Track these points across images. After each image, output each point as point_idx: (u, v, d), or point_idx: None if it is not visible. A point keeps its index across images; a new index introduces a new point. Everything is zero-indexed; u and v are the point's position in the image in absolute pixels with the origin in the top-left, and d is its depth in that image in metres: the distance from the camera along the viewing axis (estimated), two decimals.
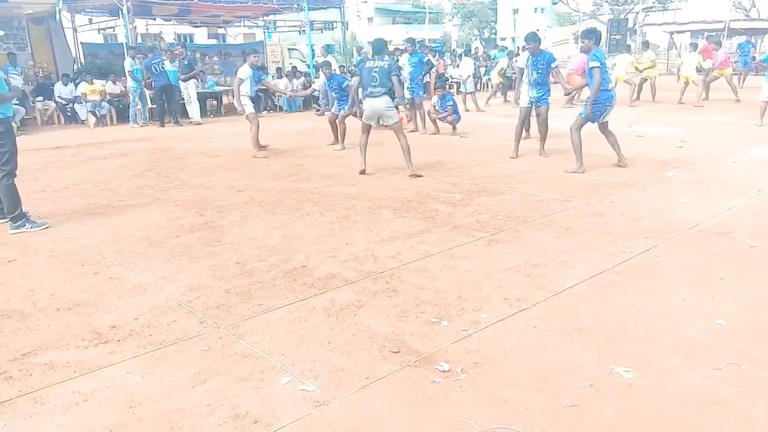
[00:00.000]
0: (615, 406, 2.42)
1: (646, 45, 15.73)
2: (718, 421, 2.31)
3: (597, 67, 6.48)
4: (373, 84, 6.78)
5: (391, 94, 6.82)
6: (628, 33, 30.87)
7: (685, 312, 3.26)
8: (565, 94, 8.12)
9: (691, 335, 2.99)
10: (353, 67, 16.21)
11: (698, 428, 2.28)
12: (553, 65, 7.86)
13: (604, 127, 7.04)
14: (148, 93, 13.48)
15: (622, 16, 34.99)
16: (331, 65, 10.11)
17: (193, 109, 13.70)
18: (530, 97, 8.03)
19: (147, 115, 13.52)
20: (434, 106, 10.85)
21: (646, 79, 14.38)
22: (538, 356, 2.83)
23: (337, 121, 9.44)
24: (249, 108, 8.72)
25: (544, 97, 7.93)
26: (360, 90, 7.26)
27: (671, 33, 24.25)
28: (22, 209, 5.28)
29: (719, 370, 2.67)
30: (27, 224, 5.22)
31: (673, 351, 2.84)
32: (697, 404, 2.42)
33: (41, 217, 5.58)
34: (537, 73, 7.82)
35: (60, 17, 15.65)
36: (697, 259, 4.07)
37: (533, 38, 7.94)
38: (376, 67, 6.79)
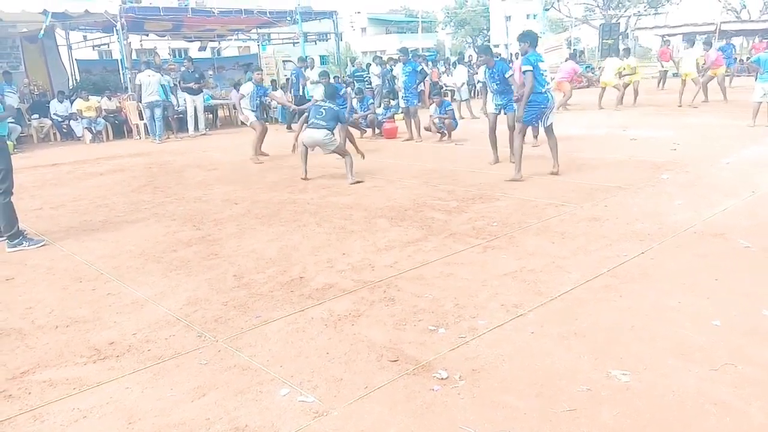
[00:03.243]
0: (612, 409, 2.43)
1: (627, 52, 15.93)
2: (715, 422, 2.32)
3: (529, 70, 6.47)
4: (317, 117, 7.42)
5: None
6: (620, 37, 31.06)
7: (680, 314, 3.27)
8: (515, 101, 8.11)
9: (687, 337, 3.01)
10: (348, 78, 16.28)
11: (695, 429, 2.29)
12: (507, 75, 7.73)
13: (549, 131, 7.04)
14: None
15: (613, 21, 35.20)
16: (328, 75, 10.35)
17: (199, 121, 13.84)
18: (496, 104, 8.10)
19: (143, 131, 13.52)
20: (431, 117, 10.91)
21: (629, 84, 14.49)
22: (536, 361, 2.84)
23: None
24: (252, 117, 9.55)
25: (509, 104, 7.89)
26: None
27: (663, 36, 24.45)
28: (19, 227, 5.29)
29: (715, 370, 2.68)
30: (24, 242, 5.23)
31: (670, 353, 2.86)
32: (694, 405, 2.43)
33: (38, 234, 5.59)
34: (495, 84, 7.88)
35: (54, 34, 15.77)
36: (692, 260, 4.09)
37: (485, 51, 8.10)
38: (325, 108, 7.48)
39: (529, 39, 6.73)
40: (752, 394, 2.49)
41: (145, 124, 13.45)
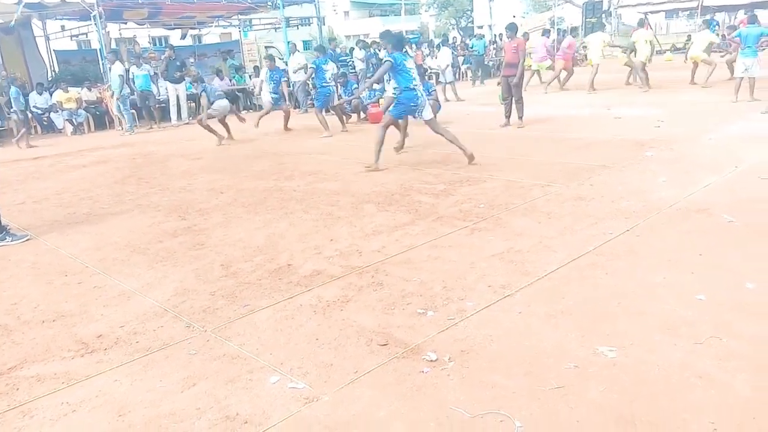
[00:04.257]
0: (599, 385, 2.46)
1: (641, 23, 14.68)
2: (701, 395, 2.36)
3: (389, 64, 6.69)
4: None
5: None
6: (604, 15, 31.00)
7: (665, 289, 3.31)
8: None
9: (672, 312, 3.05)
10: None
11: (681, 402, 2.32)
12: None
13: (432, 125, 7.04)
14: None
15: None
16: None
17: (182, 110, 13.65)
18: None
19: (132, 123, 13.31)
20: None
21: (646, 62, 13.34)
22: (524, 341, 2.86)
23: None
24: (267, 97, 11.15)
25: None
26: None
27: (645, 13, 24.45)
28: (1, 222, 5.22)
29: (700, 344, 2.72)
30: (7, 237, 5.17)
31: (655, 328, 2.89)
32: (680, 379, 2.47)
33: (22, 229, 5.52)
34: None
35: (31, 25, 15.44)
36: (677, 236, 4.13)
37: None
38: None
39: (389, 40, 6.91)
40: (737, 367, 2.52)
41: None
